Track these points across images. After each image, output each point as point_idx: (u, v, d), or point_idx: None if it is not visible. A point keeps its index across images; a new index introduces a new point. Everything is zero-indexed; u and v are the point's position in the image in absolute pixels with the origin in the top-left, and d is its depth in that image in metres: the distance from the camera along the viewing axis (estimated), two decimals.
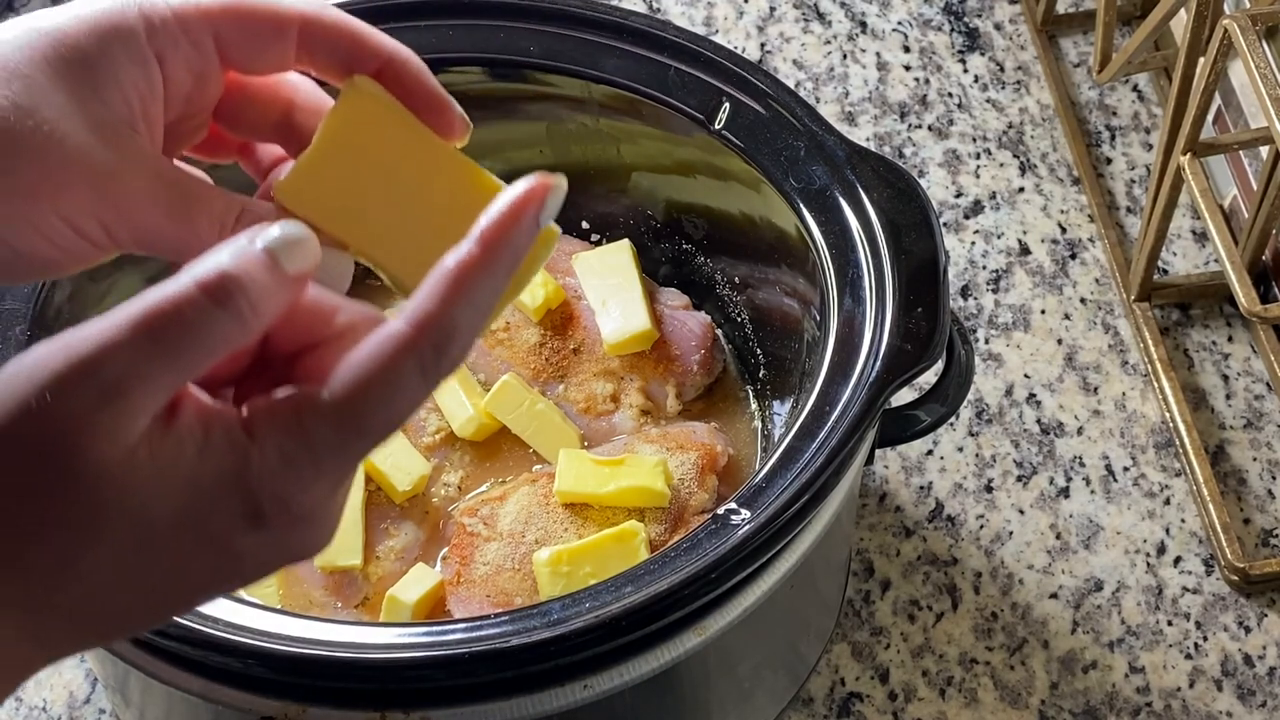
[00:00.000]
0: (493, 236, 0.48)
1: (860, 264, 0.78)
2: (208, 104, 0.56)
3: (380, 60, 0.56)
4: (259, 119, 0.58)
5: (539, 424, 0.87)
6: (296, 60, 0.56)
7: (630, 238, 0.92)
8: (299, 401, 0.47)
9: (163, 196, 0.52)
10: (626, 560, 0.78)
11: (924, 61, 1.12)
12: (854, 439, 0.72)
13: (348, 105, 0.55)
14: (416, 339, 0.47)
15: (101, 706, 0.88)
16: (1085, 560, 0.92)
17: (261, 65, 0.56)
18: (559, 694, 0.68)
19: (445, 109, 0.57)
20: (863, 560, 0.92)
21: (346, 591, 0.84)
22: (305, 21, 0.55)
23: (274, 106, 0.58)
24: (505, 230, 0.48)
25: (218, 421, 0.46)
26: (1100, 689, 0.88)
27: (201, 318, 0.45)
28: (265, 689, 0.68)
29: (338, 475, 0.47)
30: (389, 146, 0.56)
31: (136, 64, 0.53)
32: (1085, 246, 1.04)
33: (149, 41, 0.53)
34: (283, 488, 0.46)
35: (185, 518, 0.45)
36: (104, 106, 0.52)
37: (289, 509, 0.46)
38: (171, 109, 0.55)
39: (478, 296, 0.48)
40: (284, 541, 0.47)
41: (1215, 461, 0.95)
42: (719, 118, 0.83)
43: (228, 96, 0.57)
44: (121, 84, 0.52)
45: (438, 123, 0.56)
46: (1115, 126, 1.09)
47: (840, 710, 0.88)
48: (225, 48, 0.55)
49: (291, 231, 0.48)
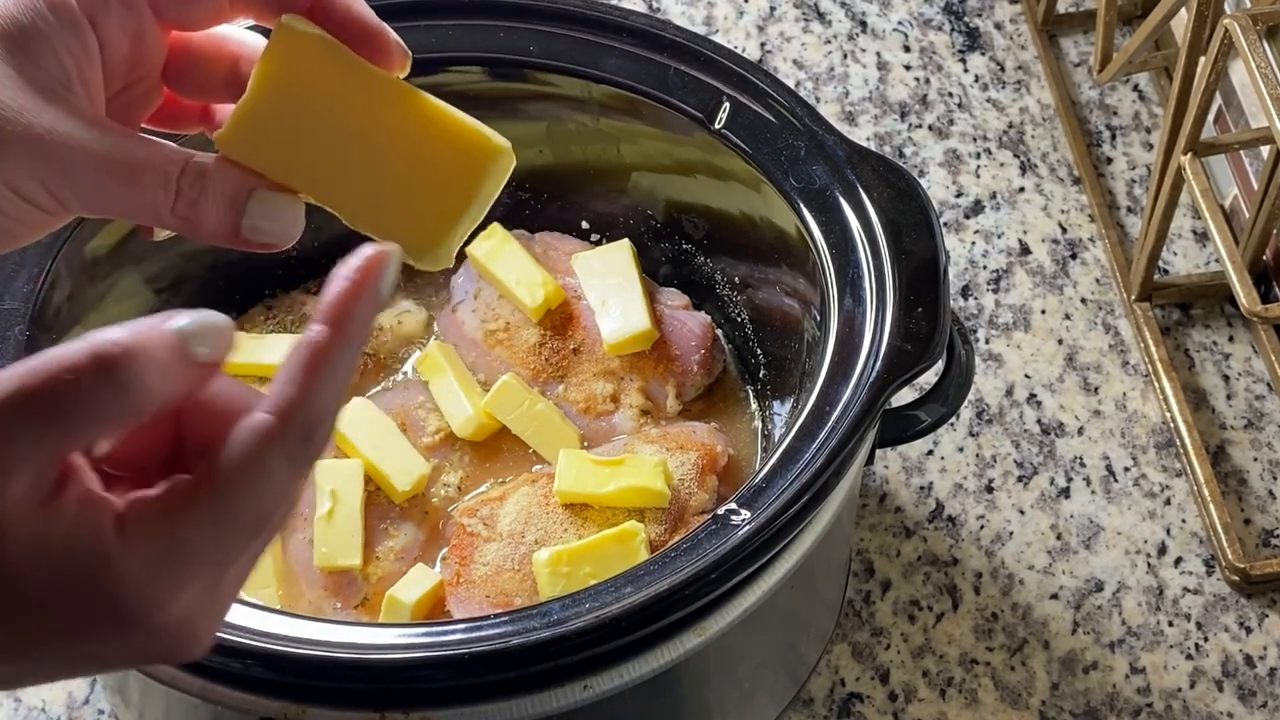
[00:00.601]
0: (340, 315, 0.47)
1: (860, 264, 0.78)
2: (152, 66, 0.56)
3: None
4: (207, 77, 0.58)
5: (539, 424, 0.87)
6: (231, 9, 0.56)
7: (630, 238, 0.92)
8: (168, 500, 0.45)
9: (104, 156, 0.52)
10: (626, 560, 0.78)
11: (924, 61, 1.12)
12: (854, 439, 0.72)
13: (280, 46, 0.55)
14: (282, 428, 0.46)
15: (101, 707, 0.88)
16: (1086, 560, 0.92)
17: (198, 17, 0.56)
18: (559, 694, 0.68)
19: (379, 39, 0.56)
20: (863, 560, 0.92)
21: (346, 592, 0.84)
22: None
23: (220, 62, 0.58)
24: (350, 307, 0.48)
25: (90, 513, 0.45)
26: (1101, 689, 0.88)
27: (87, 387, 0.44)
28: (265, 689, 0.68)
29: (211, 575, 0.46)
30: (327, 83, 0.55)
31: (68, 29, 0.53)
32: (1086, 246, 1.04)
33: (80, 5, 0.53)
34: (147, 592, 0.45)
35: (49, 597, 0.44)
36: (40, 71, 0.52)
37: (152, 616, 0.45)
38: (114, 74, 0.55)
39: (335, 375, 0.47)
40: (148, 646, 0.46)
41: (1216, 462, 0.95)
42: (719, 117, 0.83)
43: (173, 57, 0.57)
44: (55, 49, 0.52)
45: (374, 53, 0.56)
46: (1116, 126, 1.09)
47: (840, 711, 0.88)
48: (159, 4, 0.55)
49: (208, 319, 0.47)
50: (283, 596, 0.84)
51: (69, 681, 0.88)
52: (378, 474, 0.85)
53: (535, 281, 0.89)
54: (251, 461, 0.46)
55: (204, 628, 0.47)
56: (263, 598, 0.83)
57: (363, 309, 0.48)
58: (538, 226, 0.94)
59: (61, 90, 0.53)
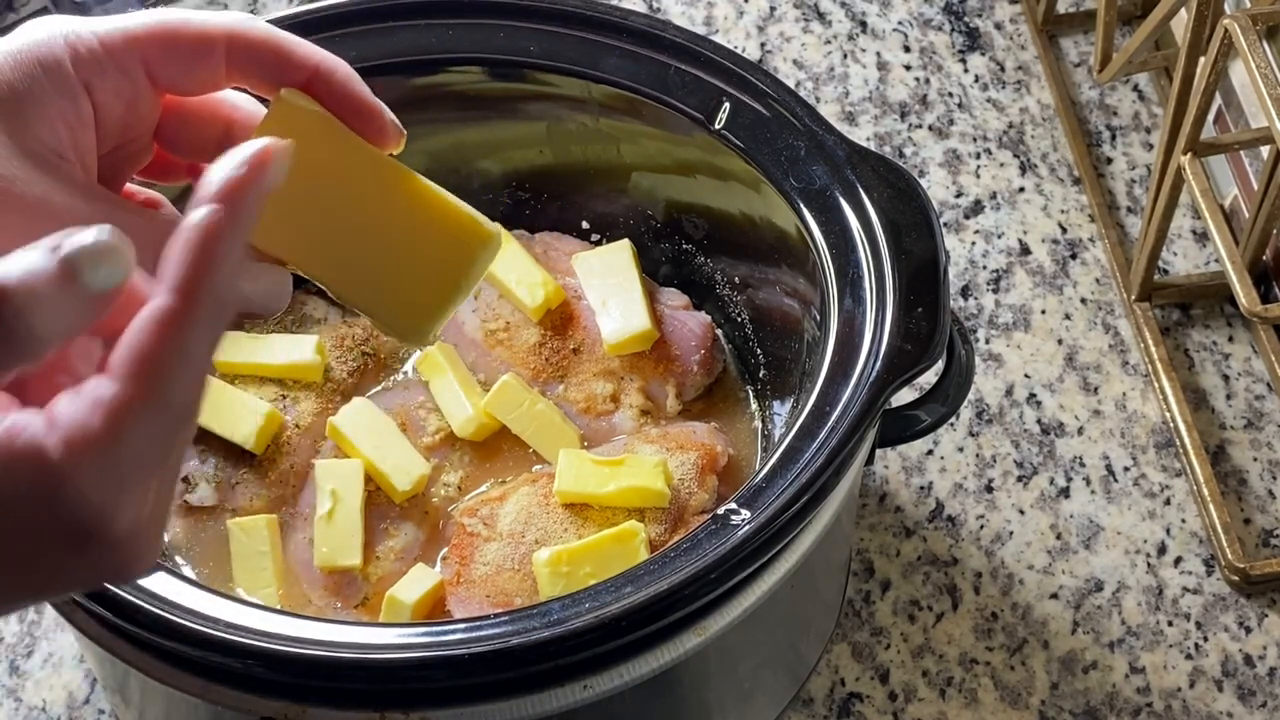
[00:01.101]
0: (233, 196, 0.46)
1: (860, 264, 0.78)
2: (145, 127, 0.56)
3: (307, 71, 0.55)
4: (200, 139, 0.57)
5: (539, 424, 0.87)
6: (228, 77, 0.56)
7: (630, 238, 0.92)
8: (101, 407, 0.44)
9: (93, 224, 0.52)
10: (626, 560, 0.78)
11: (924, 61, 1.12)
12: (854, 439, 0.72)
13: (275, 118, 0.55)
14: (190, 308, 0.45)
15: (101, 707, 0.88)
16: (1085, 560, 0.92)
17: (193, 85, 0.56)
18: (559, 694, 0.68)
19: (376, 116, 0.56)
20: (863, 560, 0.92)
21: (346, 592, 0.84)
22: (231, 38, 0.55)
23: (213, 125, 0.57)
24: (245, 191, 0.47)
25: (21, 441, 0.43)
26: (1100, 689, 0.88)
27: None
28: (265, 689, 0.68)
29: (153, 475, 0.45)
30: (321, 160, 0.55)
31: (64, 95, 0.53)
32: (1086, 246, 1.04)
33: (76, 71, 0.53)
34: (105, 505, 0.44)
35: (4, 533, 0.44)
36: (34, 139, 0.52)
37: (111, 527, 0.44)
38: (107, 135, 0.55)
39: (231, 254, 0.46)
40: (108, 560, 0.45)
41: (1216, 461, 0.95)
42: (719, 118, 0.83)
43: (166, 118, 0.57)
44: (50, 116, 0.52)
45: (369, 130, 0.56)
46: (1116, 126, 1.09)
47: (840, 710, 0.88)
48: (154, 70, 0.55)
49: (98, 242, 0.44)
50: (283, 596, 0.84)
51: (69, 681, 0.88)
52: (378, 474, 0.85)
53: (535, 281, 0.89)
54: (170, 348, 0.45)
55: (152, 536, 0.47)
56: (263, 598, 0.83)
57: (254, 195, 0.47)
58: (538, 226, 0.94)
59: (54, 158, 0.52)
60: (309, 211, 0.55)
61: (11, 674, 0.89)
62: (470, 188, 0.91)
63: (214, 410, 0.86)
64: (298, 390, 0.89)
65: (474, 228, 0.56)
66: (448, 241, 0.56)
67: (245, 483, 0.86)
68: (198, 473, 0.86)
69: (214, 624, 0.67)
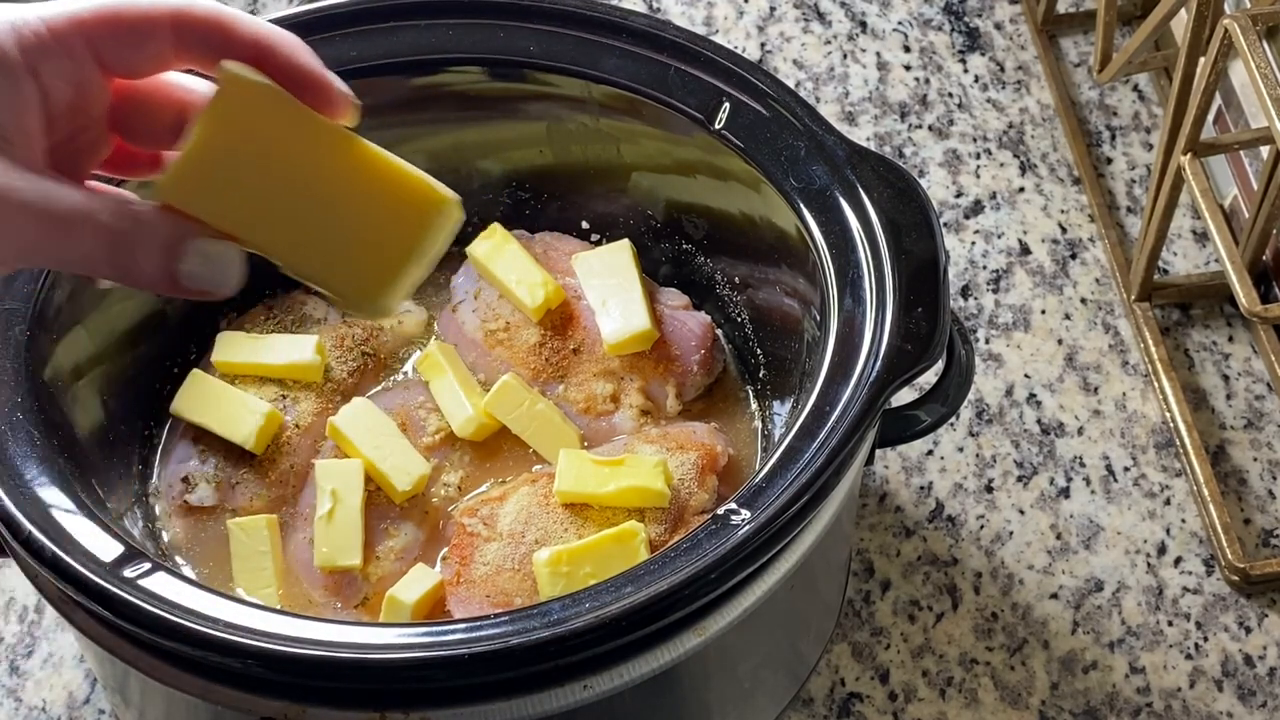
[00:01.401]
0: None
1: (860, 264, 0.78)
2: (97, 113, 0.56)
3: (252, 45, 0.55)
4: (155, 124, 0.57)
5: (539, 424, 0.87)
6: (176, 58, 0.55)
7: (630, 238, 0.92)
8: None
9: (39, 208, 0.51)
10: (626, 560, 0.78)
11: (924, 61, 1.12)
12: (854, 439, 0.72)
13: (225, 95, 0.54)
14: None
15: (101, 707, 0.88)
16: (1085, 560, 0.92)
17: (141, 66, 0.55)
18: (559, 694, 0.68)
19: (324, 88, 0.56)
20: (863, 560, 0.92)
21: (346, 591, 0.84)
22: (175, 17, 0.54)
23: (167, 109, 0.57)
24: None
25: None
26: (1100, 689, 0.88)
27: None
28: (265, 689, 0.68)
29: None
30: (270, 133, 0.54)
31: (7, 78, 0.53)
32: (1085, 246, 1.04)
33: (21, 55, 0.53)
34: None
35: None
36: None
37: None
38: (56, 121, 0.55)
39: None
40: None
41: (1216, 462, 0.95)
42: (719, 118, 0.83)
43: (119, 105, 0.56)
44: None
45: (319, 102, 0.55)
46: (1115, 126, 1.09)
47: (840, 710, 0.88)
48: (101, 53, 0.54)
49: None
50: (283, 596, 0.84)
51: (69, 682, 0.88)
52: (378, 474, 0.85)
53: (535, 281, 0.89)
54: None
55: None
56: (263, 598, 0.83)
57: None
58: (538, 226, 0.94)
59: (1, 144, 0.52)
60: (259, 186, 0.54)
61: (11, 674, 0.89)
62: (470, 188, 0.90)
63: (214, 410, 0.86)
64: (298, 390, 0.89)
65: (428, 193, 0.55)
66: (400, 209, 0.55)
67: (245, 483, 0.86)
68: (198, 473, 0.86)
69: (214, 624, 0.67)
